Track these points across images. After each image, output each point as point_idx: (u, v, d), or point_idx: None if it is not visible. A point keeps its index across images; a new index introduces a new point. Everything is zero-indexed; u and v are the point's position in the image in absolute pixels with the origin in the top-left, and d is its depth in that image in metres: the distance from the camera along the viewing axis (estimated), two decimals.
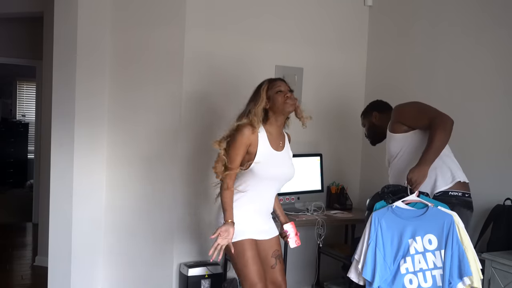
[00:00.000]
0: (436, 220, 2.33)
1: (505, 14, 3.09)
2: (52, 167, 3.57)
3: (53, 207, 3.56)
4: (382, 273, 2.31)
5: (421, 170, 2.43)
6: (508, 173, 3.01)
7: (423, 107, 2.66)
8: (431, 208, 2.36)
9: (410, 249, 2.33)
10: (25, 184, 8.96)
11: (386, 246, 2.35)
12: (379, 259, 2.33)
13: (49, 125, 3.76)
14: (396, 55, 3.84)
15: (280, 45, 3.81)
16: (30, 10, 4.89)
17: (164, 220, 3.51)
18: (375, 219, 2.39)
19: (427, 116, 2.56)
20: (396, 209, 2.39)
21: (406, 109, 2.72)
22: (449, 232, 2.30)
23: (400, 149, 2.71)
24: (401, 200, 2.42)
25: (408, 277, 2.31)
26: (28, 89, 9.46)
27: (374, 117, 3.03)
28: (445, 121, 2.48)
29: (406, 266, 2.32)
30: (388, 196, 2.48)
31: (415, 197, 2.41)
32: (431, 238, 2.33)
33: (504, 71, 3.07)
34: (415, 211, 2.39)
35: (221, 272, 3.51)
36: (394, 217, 2.38)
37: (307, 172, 3.75)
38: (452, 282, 2.27)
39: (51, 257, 3.57)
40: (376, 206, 2.46)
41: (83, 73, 3.49)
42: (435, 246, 2.33)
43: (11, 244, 5.61)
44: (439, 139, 2.45)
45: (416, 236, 2.33)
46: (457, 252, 2.28)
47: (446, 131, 2.47)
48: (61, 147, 3.53)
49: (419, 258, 2.33)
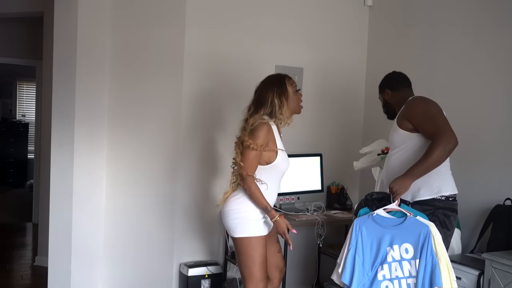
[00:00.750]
0: (413, 229, 2.39)
1: (504, 14, 3.09)
2: (52, 167, 3.57)
3: (53, 207, 3.56)
4: (360, 278, 2.40)
5: (403, 182, 2.45)
6: (508, 173, 3.01)
7: (435, 115, 2.54)
8: (409, 218, 2.42)
9: (388, 256, 2.41)
10: (25, 184, 8.96)
11: (365, 253, 2.44)
12: (358, 264, 2.41)
13: (49, 125, 3.76)
14: (396, 55, 3.84)
15: (280, 45, 3.81)
16: (30, 10, 4.89)
17: (164, 220, 3.51)
18: (357, 225, 2.47)
19: (435, 127, 2.47)
20: (376, 217, 2.46)
21: (418, 109, 2.60)
22: (424, 242, 2.36)
23: (399, 146, 2.66)
24: (383, 208, 2.47)
25: (385, 284, 2.40)
26: (28, 89, 9.46)
27: (387, 95, 2.88)
28: (448, 140, 2.40)
29: (383, 273, 2.41)
30: (372, 203, 2.54)
31: (396, 206, 2.47)
32: (408, 247, 2.40)
33: (504, 71, 3.07)
34: (394, 220, 2.45)
35: (221, 272, 3.51)
36: (374, 225, 2.46)
37: (307, 172, 3.75)
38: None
39: (51, 257, 3.57)
40: (360, 212, 2.54)
41: (83, 72, 3.49)
42: (411, 255, 2.40)
43: (11, 244, 5.61)
44: (435, 157, 2.41)
45: (394, 244, 2.41)
46: (430, 262, 2.34)
47: (445, 151, 2.42)
48: (61, 147, 3.53)
49: (395, 266, 2.40)
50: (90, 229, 3.57)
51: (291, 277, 3.55)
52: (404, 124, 2.61)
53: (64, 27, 3.51)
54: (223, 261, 3.62)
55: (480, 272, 2.70)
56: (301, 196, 3.72)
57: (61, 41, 3.53)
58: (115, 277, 3.64)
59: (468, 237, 3.14)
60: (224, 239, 3.62)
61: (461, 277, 2.78)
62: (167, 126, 3.51)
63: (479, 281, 2.70)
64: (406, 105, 2.67)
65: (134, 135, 3.58)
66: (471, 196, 2.68)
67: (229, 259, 3.54)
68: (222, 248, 3.65)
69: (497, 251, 2.74)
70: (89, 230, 3.57)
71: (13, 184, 9.05)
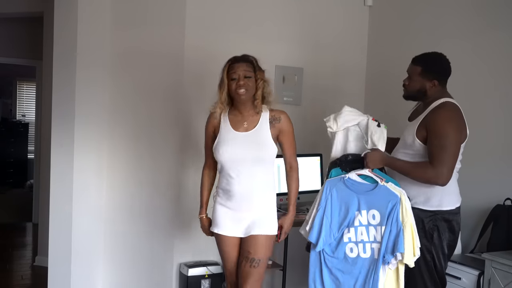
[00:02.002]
0: (382, 197, 2.44)
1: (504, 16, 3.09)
2: (52, 167, 3.57)
3: (53, 207, 3.56)
4: (326, 238, 2.51)
5: (375, 156, 2.51)
6: (508, 173, 3.01)
7: (449, 146, 2.38)
8: (380, 186, 2.46)
9: (355, 220, 2.48)
10: (25, 184, 8.96)
11: (333, 214, 2.52)
12: (325, 225, 2.51)
13: (49, 125, 3.76)
14: (396, 55, 3.84)
15: (280, 45, 3.81)
16: (30, 10, 4.89)
17: (164, 220, 3.51)
18: (327, 187, 2.54)
19: (440, 156, 2.36)
20: (348, 180, 2.52)
21: (439, 123, 2.41)
22: (392, 210, 2.41)
23: (408, 148, 2.55)
24: (355, 172, 2.52)
25: (350, 246, 2.50)
26: (28, 89, 9.46)
27: (432, 85, 2.53)
28: (439, 178, 2.37)
29: (349, 236, 2.50)
30: (346, 164, 2.57)
31: (368, 172, 2.51)
32: (375, 214, 2.46)
33: (504, 72, 3.07)
34: (365, 185, 2.50)
35: (221, 272, 3.51)
36: (344, 188, 2.52)
37: (307, 172, 3.75)
38: (385, 256, 2.41)
39: (51, 257, 3.57)
40: (331, 173, 2.60)
41: (83, 72, 3.49)
42: (377, 221, 2.45)
43: (11, 244, 5.61)
44: (417, 175, 2.44)
45: (362, 209, 2.48)
46: (395, 229, 2.40)
47: (426, 181, 2.42)
48: (61, 147, 3.53)
49: (361, 230, 2.48)
50: (90, 229, 3.57)
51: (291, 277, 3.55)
52: (422, 132, 2.47)
53: (64, 27, 3.51)
54: None
55: (480, 272, 2.71)
56: (301, 196, 3.71)
57: (61, 41, 3.53)
58: (115, 277, 3.64)
59: (468, 237, 3.13)
60: None
61: (461, 277, 2.79)
62: (168, 127, 3.51)
63: (479, 281, 2.70)
64: (434, 111, 2.46)
65: (134, 135, 3.58)
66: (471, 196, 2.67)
67: None
68: None
69: (497, 251, 2.74)
70: (89, 230, 3.57)
71: (13, 184, 9.05)
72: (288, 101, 3.86)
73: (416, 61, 2.58)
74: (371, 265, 2.45)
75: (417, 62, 2.57)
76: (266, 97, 2.58)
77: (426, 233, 2.49)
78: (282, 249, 3.46)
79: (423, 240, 2.47)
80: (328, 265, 2.52)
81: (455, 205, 2.53)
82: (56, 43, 3.54)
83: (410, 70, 2.60)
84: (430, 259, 2.50)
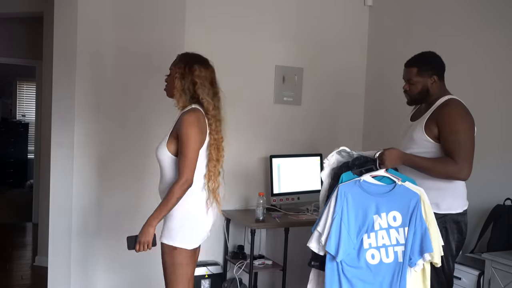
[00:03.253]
0: (402, 197, 2.31)
1: (503, 15, 3.09)
2: (52, 167, 3.57)
3: (53, 207, 3.55)
4: (346, 247, 2.28)
5: (393, 154, 2.36)
6: (508, 173, 3.01)
7: (467, 140, 2.38)
8: (398, 186, 2.32)
9: (375, 225, 2.31)
10: (25, 184, 8.96)
11: (350, 221, 2.30)
12: (343, 233, 2.28)
13: (49, 125, 3.76)
14: (396, 55, 3.84)
15: (280, 45, 3.81)
16: (30, 10, 4.89)
17: None
18: (342, 192, 2.31)
19: (460, 152, 2.34)
20: (363, 183, 2.33)
21: (451, 119, 2.40)
22: (414, 210, 2.29)
23: (416, 148, 2.50)
24: (369, 174, 2.36)
25: (371, 252, 2.30)
26: (28, 89, 9.46)
27: (433, 80, 2.52)
28: (461, 172, 2.35)
29: (370, 242, 2.31)
30: (357, 167, 2.41)
31: (383, 172, 2.36)
32: (396, 215, 2.31)
33: (504, 70, 3.07)
34: (383, 187, 2.34)
35: (221, 272, 3.51)
36: (361, 192, 2.32)
37: (307, 172, 3.75)
38: (412, 258, 2.28)
39: (51, 257, 3.57)
40: (342, 177, 2.39)
41: (83, 73, 3.49)
42: (399, 223, 2.31)
43: (11, 244, 5.60)
44: (438, 172, 2.38)
45: (381, 212, 2.31)
46: (420, 229, 2.28)
47: (448, 176, 2.39)
48: (61, 147, 3.53)
49: (382, 234, 2.31)
50: (90, 229, 3.57)
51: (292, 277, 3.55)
52: (431, 129, 2.44)
53: (64, 27, 3.50)
54: (223, 261, 3.62)
55: (480, 272, 2.71)
56: (301, 196, 3.73)
57: (61, 41, 3.53)
58: (115, 277, 3.64)
59: (468, 237, 3.12)
60: (224, 239, 3.62)
61: (461, 277, 2.79)
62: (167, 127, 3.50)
63: (479, 281, 2.70)
64: (442, 108, 2.44)
65: (134, 136, 3.58)
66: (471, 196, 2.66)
67: (229, 259, 3.54)
68: (222, 248, 3.65)
69: (497, 251, 2.74)
70: (89, 230, 3.57)
71: (13, 184, 9.04)
72: (288, 101, 3.86)
73: (409, 63, 2.58)
74: (396, 269, 2.30)
75: (410, 64, 2.57)
76: (181, 93, 2.42)
77: None
78: (282, 249, 3.46)
79: None
80: (347, 276, 2.29)
81: (463, 208, 2.53)
82: (56, 43, 3.54)
83: (406, 74, 2.59)
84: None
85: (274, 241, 3.73)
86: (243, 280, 3.49)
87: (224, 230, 3.61)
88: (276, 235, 3.68)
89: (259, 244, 3.60)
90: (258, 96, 3.74)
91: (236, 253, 3.52)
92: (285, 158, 3.69)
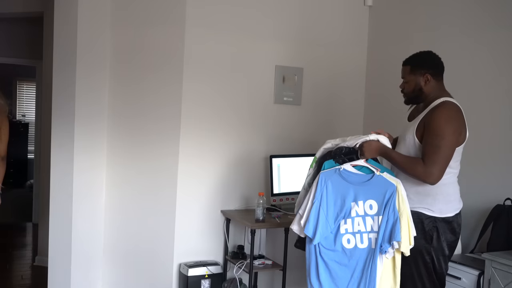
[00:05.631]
0: (379, 187, 2.44)
1: (505, 14, 3.09)
2: (52, 167, 3.57)
3: (53, 207, 3.56)
4: (323, 231, 2.47)
5: (371, 145, 2.49)
6: (508, 173, 3.01)
7: (443, 147, 2.34)
8: (376, 176, 2.46)
9: (352, 211, 2.47)
10: (25, 184, 8.96)
11: (329, 207, 2.49)
12: (321, 218, 2.47)
13: (49, 125, 3.76)
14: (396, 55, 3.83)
15: (280, 45, 3.81)
16: (30, 10, 4.89)
17: (164, 220, 3.50)
18: (322, 179, 2.51)
19: (432, 155, 2.34)
20: (343, 172, 2.50)
21: (435, 122, 2.37)
22: (389, 200, 2.41)
23: (410, 151, 2.51)
24: (350, 163, 2.51)
25: (347, 237, 2.48)
26: (28, 89, 9.46)
27: (425, 79, 2.51)
28: (428, 177, 2.35)
29: (346, 227, 2.48)
30: (339, 156, 2.55)
31: (363, 162, 2.51)
32: (372, 204, 2.46)
33: (505, 72, 3.07)
34: (361, 176, 2.49)
35: (221, 272, 3.51)
36: (340, 180, 2.50)
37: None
38: (383, 246, 2.41)
39: (51, 257, 3.57)
40: (324, 165, 2.57)
41: (83, 72, 3.49)
42: (375, 211, 2.45)
43: (11, 244, 5.61)
44: (406, 169, 2.42)
45: (358, 200, 2.46)
46: (392, 218, 2.40)
47: (415, 176, 2.40)
48: (61, 147, 3.53)
49: (358, 220, 2.47)
50: (90, 229, 3.57)
51: (291, 277, 3.55)
52: (420, 131, 2.44)
53: (64, 27, 3.51)
54: (223, 261, 3.62)
55: (480, 272, 2.70)
56: None
57: (61, 41, 3.53)
58: (115, 277, 3.64)
59: (468, 237, 3.13)
60: (224, 239, 3.62)
61: (461, 277, 2.79)
62: (167, 126, 3.51)
63: (479, 281, 2.70)
64: (434, 110, 2.42)
65: (134, 135, 3.58)
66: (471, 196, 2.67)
67: (229, 259, 3.54)
68: (222, 248, 3.65)
69: (497, 251, 2.74)
70: (89, 230, 3.57)
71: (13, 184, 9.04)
72: (288, 101, 3.86)
73: (404, 62, 2.61)
74: (369, 255, 2.45)
75: (405, 63, 2.61)
76: None
77: (426, 234, 2.46)
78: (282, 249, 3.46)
79: (422, 241, 2.45)
80: (324, 258, 2.49)
81: (455, 211, 2.51)
82: (56, 43, 3.54)
83: (402, 73, 2.62)
84: (429, 261, 2.48)
85: (274, 241, 3.73)
86: (243, 280, 3.49)
87: (224, 230, 3.61)
88: (276, 235, 3.68)
89: (259, 244, 3.60)
90: (258, 96, 3.74)
91: (236, 253, 3.52)
92: (285, 158, 3.69)
